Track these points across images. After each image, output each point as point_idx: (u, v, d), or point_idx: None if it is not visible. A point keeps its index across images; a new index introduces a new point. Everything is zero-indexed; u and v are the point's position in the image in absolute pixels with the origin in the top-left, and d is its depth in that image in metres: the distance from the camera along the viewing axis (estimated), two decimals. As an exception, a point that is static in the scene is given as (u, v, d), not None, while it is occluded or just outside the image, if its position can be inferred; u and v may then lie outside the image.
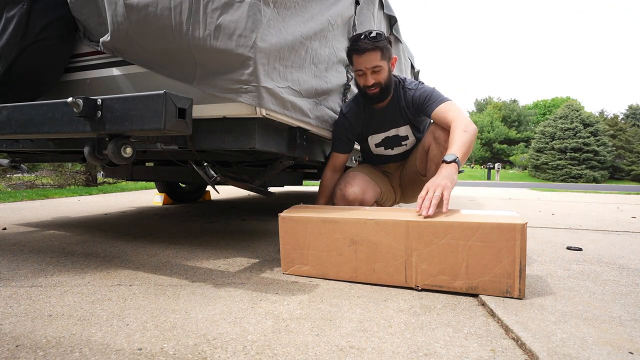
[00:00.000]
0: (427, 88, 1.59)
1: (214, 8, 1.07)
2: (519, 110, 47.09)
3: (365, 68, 1.48)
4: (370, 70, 1.48)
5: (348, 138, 1.67)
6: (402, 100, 1.61)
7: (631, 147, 26.60)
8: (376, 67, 1.48)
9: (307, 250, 1.28)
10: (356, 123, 1.66)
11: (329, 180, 1.67)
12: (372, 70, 1.48)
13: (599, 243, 1.98)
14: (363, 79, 1.52)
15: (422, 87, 1.59)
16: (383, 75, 1.51)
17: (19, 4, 1.22)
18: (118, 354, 0.74)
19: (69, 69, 1.40)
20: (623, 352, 0.76)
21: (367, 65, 1.47)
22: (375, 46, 1.45)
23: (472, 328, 0.88)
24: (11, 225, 2.27)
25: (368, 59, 1.46)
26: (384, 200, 1.78)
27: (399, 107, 1.62)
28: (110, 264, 1.40)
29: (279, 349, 0.77)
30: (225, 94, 1.13)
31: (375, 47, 1.45)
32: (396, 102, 1.62)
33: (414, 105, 1.58)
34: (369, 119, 1.67)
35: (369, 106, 1.64)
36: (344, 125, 1.65)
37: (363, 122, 1.67)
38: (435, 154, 1.51)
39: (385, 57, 1.50)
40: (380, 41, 1.46)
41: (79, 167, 6.86)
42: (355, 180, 1.59)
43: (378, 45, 1.45)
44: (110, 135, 1.03)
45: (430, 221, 1.13)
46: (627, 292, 1.16)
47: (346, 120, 1.65)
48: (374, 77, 1.49)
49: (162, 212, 3.06)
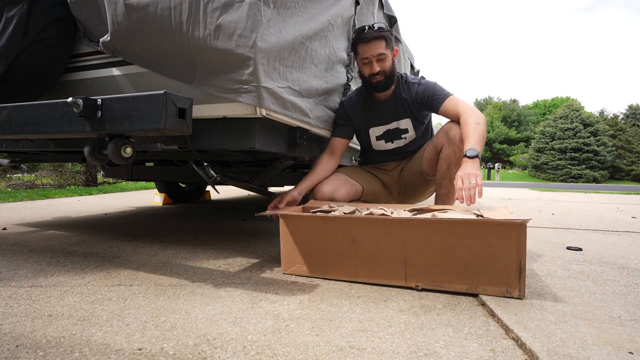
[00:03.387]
0: (429, 82, 1.64)
1: (214, 8, 1.07)
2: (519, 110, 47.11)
3: (371, 55, 1.56)
4: (376, 58, 1.56)
5: (344, 124, 1.70)
6: (405, 93, 1.66)
7: (631, 147, 26.60)
8: (381, 54, 1.55)
9: (308, 249, 1.28)
10: (353, 113, 1.70)
11: (323, 161, 1.66)
12: (378, 57, 1.56)
13: (599, 243, 1.98)
14: (368, 67, 1.58)
15: (425, 82, 1.65)
16: (387, 63, 1.58)
17: (19, 4, 1.22)
18: (118, 354, 0.74)
19: (69, 69, 1.40)
20: (623, 352, 0.76)
21: (373, 53, 1.55)
22: (380, 35, 1.54)
23: (472, 328, 0.88)
24: (11, 225, 2.27)
25: (374, 46, 1.55)
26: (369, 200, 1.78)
27: (400, 99, 1.66)
28: (110, 264, 1.40)
29: (279, 349, 0.77)
30: (225, 94, 1.13)
31: (380, 36, 1.54)
32: (398, 94, 1.66)
33: (418, 99, 1.63)
34: (370, 110, 1.70)
35: (370, 97, 1.69)
36: (341, 113, 1.71)
37: (364, 113, 1.71)
38: (449, 154, 1.53)
39: (389, 47, 1.59)
40: (385, 31, 1.56)
41: (79, 167, 6.86)
42: (328, 180, 1.63)
43: (382, 34, 1.55)
44: (110, 135, 1.03)
45: (431, 220, 1.13)
46: (627, 292, 1.16)
47: (343, 109, 1.70)
48: (379, 65, 1.57)
49: (162, 212, 3.06)
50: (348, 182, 1.67)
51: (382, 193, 1.82)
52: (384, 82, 1.60)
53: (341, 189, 1.62)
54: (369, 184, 1.76)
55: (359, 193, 1.71)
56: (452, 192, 1.58)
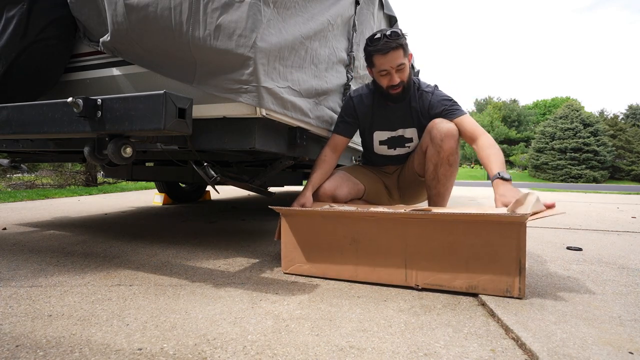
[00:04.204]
0: (445, 95, 1.58)
1: (214, 8, 1.07)
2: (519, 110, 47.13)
3: (391, 67, 1.47)
4: (396, 69, 1.48)
5: (350, 121, 1.64)
6: (416, 102, 1.59)
7: (631, 147, 26.62)
8: (400, 64, 1.47)
9: (308, 248, 1.28)
10: (362, 110, 1.64)
11: (327, 156, 1.62)
12: (397, 68, 1.48)
13: (599, 243, 1.98)
14: (387, 79, 1.51)
15: (439, 92, 1.59)
16: (406, 73, 1.51)
17: (19, 4, 1.22)
18: (118, 354, 0.74)
19: (69, 69, 1.40)
20: (623, 352, 0.76)
21: (393, 65, 1.47)
22: (398, 44, 1.44)
23: (472, 328, 0.88)
24: (11, 225, 2.27)
25: (392, 57, 1.45)
26: (370, 200, 1.78)
27: (410, 108, 1.61)
28: (110, 264, 1.40)
29: (279, 349, 0.77)
30: (225, 94, 1.13)
31: (399, 45, 1.45)
32: (408, 102, 1.60)
33: (431, 111, 1.56)
34: (378, 113, 1.65)
35: (380, 100, 1.62)
36: (349, 108, 1.64)
37: (372, 114, 1.65)
38: (433, 154, 1.50)
39: (407, 54, 1.50)
40: (401, 38, 1.46)
41: (79, 167, 6.86)
42: (330, 177, 1.60)
43: (400, 42, 1.45)
44: (110, 135, 1.03)
45: (431, 219, 1.13)
46: (627, 292, 1.16)
47: (352, 104, 1.64)
48: (399, 76, 1.49)
49: (162, 212, 3.06)
50: (350, 181, 1.65)
51: (384, 193, 1.81)
52: (401, 93, 1.53)
53: (343, 187, 1.59)
54: (371, 184, 1.75)
55: (361, 192, 1.70)
56: (442, 192, 1.58)
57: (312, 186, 1.52)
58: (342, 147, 1.66)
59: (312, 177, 1.55)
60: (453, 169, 1.53)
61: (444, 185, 1.55)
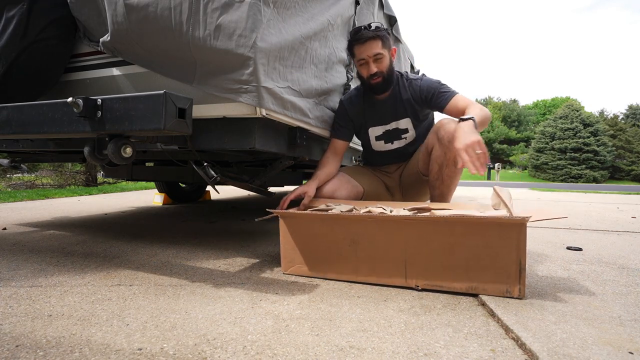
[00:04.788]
0: (433, 79, 1.60)
1: (214, 8, 1.07)
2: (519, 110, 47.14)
3: (368, 56, 1.52)
4: (373, 58, 1.52)
5: (345, 125, 1.68)
6: (406, 91, 1.62)
7: (631, 147, 26.61)
8: (378, 54, 1.52)
9: (308, 249, 1.28)
10: (353, 111, 1.67)
11: (329, 158, 1.66)
12: (374, 58, 1.52)
13: (599, 243, 1.98)
14: (365, 69, 1.55)
15: (427, 78, 1.62)
16: (385, 63, 1.54)
17: (19, 4, 1.22)
18: (118, 354, 0.74)
19: (69, 69, 1.40)
20: (623, 352, 0.76)
21: (369, 53, 1.51)
22: (376, 34, 1.50)
23: (472, 328, 0.88)
24: (11, 225, 2.27)
25: (370, 47, 1.51)
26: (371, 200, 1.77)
27: (400, 99, 1.63)
28: (110, 264, 1.40)
29: (279, 349, 0.77)
30: (225, 94, 1.13)
31: (376, 36, 1.50)
32: (397, 93, 1.63)
33: (422, 95, 1.59)
34: (370, 109, 1.68)
35: (369, 97, 1.66)
36: (341, 112, 1.69)
37: (363, 112, 1.68)
38: (439, 155, 1.50)
39: (386, 46, 1.54)
40: (381, 30, 1.52)
41: (79, 167, 6.86)
42: (330, 180, 1.62)
43: (378, 34, 1.51)
44: (110, 135, 1.03)
45: (431, 219, 1.13)
46: (627, 292, 1.16)
47: (343, 108, 1.68)
48: (376, 66, 1.53)
49: (162, 212, 3.06)
50: (350, 183, 1.66)
51: (384, 194, 1.81)
52: (382, 83, 1.56)
53: (342, 189, 1.61)
54: (370, 185, 1.76)
55: (360, 194, 1.71)
56: (445, 193, 1.58)
57: (318, 180, 1.55)
58: (342, 150, 1.70)
59: (318, 173, 1.58)
60: (458, 170, 1.53)
61: (447, 186, 1.56)
